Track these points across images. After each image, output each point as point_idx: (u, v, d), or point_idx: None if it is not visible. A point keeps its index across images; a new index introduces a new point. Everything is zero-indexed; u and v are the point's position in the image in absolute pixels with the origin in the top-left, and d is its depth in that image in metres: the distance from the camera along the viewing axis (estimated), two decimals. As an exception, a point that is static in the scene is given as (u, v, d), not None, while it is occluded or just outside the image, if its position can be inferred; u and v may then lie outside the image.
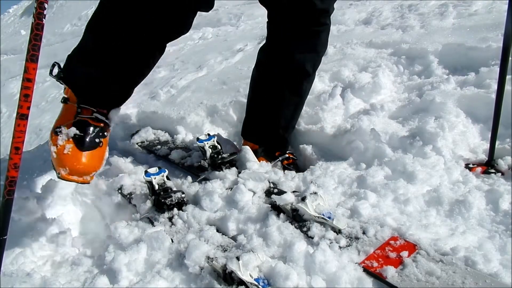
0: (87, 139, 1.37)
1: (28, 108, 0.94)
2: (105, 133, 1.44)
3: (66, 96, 1.47)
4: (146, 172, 1.47)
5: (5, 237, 1.00)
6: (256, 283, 0.99)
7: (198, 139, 1.69)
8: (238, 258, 1.02)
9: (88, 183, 1.38)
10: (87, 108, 1.41)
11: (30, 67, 0.92)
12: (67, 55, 1.47)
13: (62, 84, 1.49)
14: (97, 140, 1.40)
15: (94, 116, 1.41)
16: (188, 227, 1.32)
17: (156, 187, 1.43)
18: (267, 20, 1.62)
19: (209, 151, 1.63)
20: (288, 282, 0.97)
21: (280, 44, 1.58)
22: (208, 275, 1.08)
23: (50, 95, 5.17)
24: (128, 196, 1.60)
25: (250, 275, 1.00)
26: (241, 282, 1.01)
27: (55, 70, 1.44)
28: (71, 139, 1.35)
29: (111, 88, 1.43)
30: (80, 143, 1.36)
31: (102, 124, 1.42)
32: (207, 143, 1.66)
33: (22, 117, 0.94)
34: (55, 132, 1.37)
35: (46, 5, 0.91)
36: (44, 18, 0.91)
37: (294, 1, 1.45)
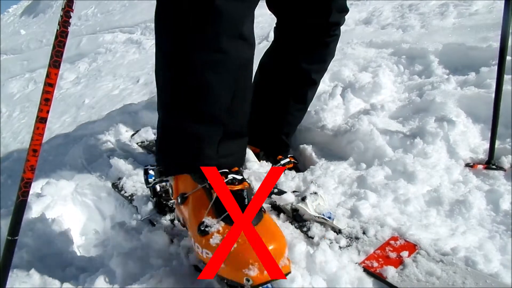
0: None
1: (48, 112, 0.97)
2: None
3: (181, 192, 1.10)
4: (148, 174, 1.44)
5: (17, 237, 1.01)
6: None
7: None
8: None
9: (290, 272, 0.91)
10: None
11: (52, 72, 0.95)
12: (155, 143, 1.16)
13: (167, 181, 1.17)
14: None
15: (231, 178, 1.03)
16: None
17: (158, 189, 1.42)
18: (275, 25, 1.61)
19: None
20: (294, 284, 0.97)
21: (288, 53, 1.57)
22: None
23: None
24: (129, 197, 1.60)
25: None
26: None
27: (154, 172, 1.16)
28: (226, 224, 0.95)
29: (225, 128, 1.06)
30: None
31: (247, 184, 1.06)
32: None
33: (41, 120, 0.96)
34: (201, 232, 0.95)
35: (72, 14, 0.94)
36: (69, 26, 0.94)
37: (307, 14, 1.45)
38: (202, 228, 0.95)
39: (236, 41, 1.02)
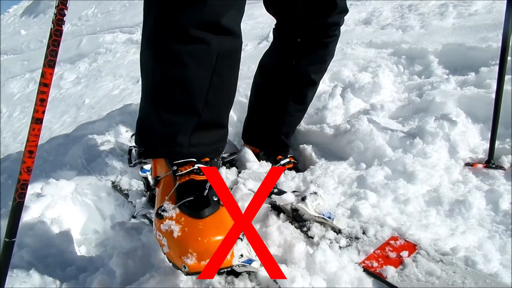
0: (202, 201, 0.98)
1: (43, 112, 0.95)
2: None
3: (157, 174, 1.13)
4: (141, 168, 1.45)
5: (14, 239, 1.00)
6: (247, 264, 0.97)
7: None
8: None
9: (232, 265, 0.94)
10: (184, 164, 1.05)
11: (47, 72, 0.93)
12: (137, 121, 1.18)
13: (146, 163, 1.18)
14: (214, 198, 1.00)
15: (197, 168, 1.04)
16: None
17: (152, 182, 1.41)
18: (274, 27, 1.61)
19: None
20: (294, 284, 0.97)
21: (288, 54, 1.57)
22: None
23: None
24: (124, 193, 1.61)
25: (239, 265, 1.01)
26: (232, 271, 1.02)
27: (134, 154, 1.16)
28: (180, 211, 0.97)
29: (200, 117, 1.06)
30: (194, 209, 0.96)
31: None
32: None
33: (37, 121, 0.95)
34: (158, 215, 0.98)
35: (66, 12, 0.92)
36: (64, 24, 0.92)
37: (306, 15, 1.45)
38: (159, 212, 0.98)
39: (217, 31, 1.01)
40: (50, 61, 0.93)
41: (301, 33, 1.50)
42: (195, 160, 1.06)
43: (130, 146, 1.22)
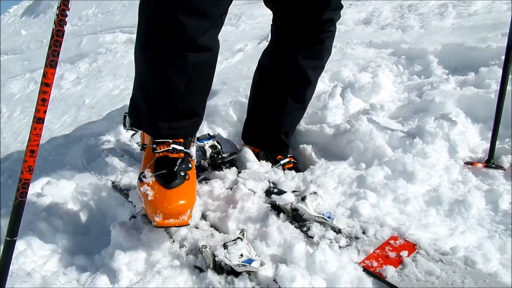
0: (171, 175, 1.26)
1: (45, 112, 0.97)
2: (189, 165, 1.33)
3: (143, 143, 1.45)
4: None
5: (16, 238, 1.01)
6: (247, 264, 1.02)
7: (198, 139, 1.69)
8: (225, 246, 1.08)
9: (188, 224, 1.23)
10: (162, 143, 1.32)
11: (49, 72, 0.94)
12: (130, 98, 1.44)
13: (136, 130, 1.50)
14: (181, 173, 1.28)
15: (171, 148, 1.31)
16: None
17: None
18: (271, 23, 1.62)
19: (209, 151, 1.64)
20: (294, 284, 0.97)
21: (285, 51, 1.57)
22: (209, 275, 1.08)
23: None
24: (124, 193, 1.61)
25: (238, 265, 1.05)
26: (232, 271, 1.04)
27: (128, 121, 1.45)
28: (155, 180, 1.26)
29: (178, 109, 1.32)
30: (165, 180, 1.25)
31: (182, 155, 1.32)
32: (207, 143, 1.66)
33: (38, 121, 0.96)
34: (140, 179, 1.28)
35: (67, 12, 0.93)
36: (65, 24, 0.94)
37: (301, 12, 1.45)
38: (141, 177, 1.29)
39: (194, 50, 1.22)
40: (51, 61, 0.94)
41: (297, 28, 1.51)
42: (171, 141, 1.33)
43: (125, 113, 1.47)
